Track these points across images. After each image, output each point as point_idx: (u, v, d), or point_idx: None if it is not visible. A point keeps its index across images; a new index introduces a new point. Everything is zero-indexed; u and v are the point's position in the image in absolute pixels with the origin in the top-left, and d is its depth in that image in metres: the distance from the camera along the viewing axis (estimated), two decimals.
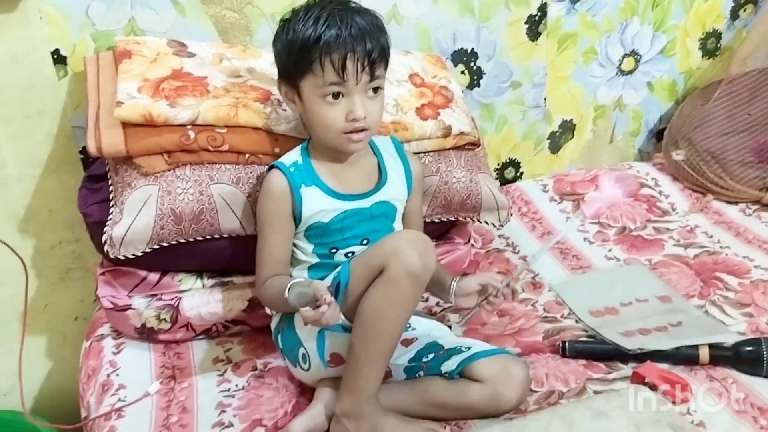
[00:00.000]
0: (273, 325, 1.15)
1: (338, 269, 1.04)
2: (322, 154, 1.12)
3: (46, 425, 1.29)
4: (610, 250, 1.50)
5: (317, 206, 1.09)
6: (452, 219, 1.33)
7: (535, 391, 1.10)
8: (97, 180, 1.24)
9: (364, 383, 0.98)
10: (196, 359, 1.23)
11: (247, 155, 1.18)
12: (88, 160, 1.36)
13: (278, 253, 1.10)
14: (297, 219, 1.10)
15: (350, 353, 0.99)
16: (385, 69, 1.08)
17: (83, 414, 1.20)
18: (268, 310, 1.17)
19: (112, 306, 1.23)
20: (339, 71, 1.01)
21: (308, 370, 1.08)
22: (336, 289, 1.00)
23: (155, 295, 1.23)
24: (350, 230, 1.10)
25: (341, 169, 1.12)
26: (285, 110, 1.18)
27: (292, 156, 1.12)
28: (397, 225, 1.16)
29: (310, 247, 1.11)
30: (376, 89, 1.06)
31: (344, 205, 1.10)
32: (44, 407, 1.50)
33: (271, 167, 1.12)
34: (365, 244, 1.10)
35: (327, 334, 1.03)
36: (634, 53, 1.75)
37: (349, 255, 1.10)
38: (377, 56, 1.03)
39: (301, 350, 1.07)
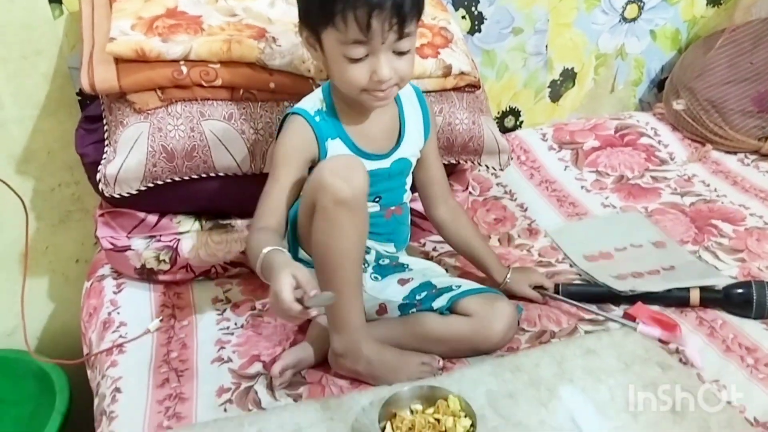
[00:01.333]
0: None
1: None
2: (345, 102, 1.05)
3: (48, 361, 1.32)
4: (606, 198, 1.51)
5: None
6: (453, 162, 1.33)
7: (528, 331, 1.12)
8: (93, 121, 1.24)
9: (346, 319, 0.99)
10: (196, 299, 1.25)
11: (241, 91, 1.17)
12: (85, 101, 1.36)
13: (287, 196, 1.03)
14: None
15: None
16: (417, 24, 0.97)
17: (85, 351, 1.23)
18: None
19: (111, 247, 1.24)
20: (364, 29, 0.91)
21: None
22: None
23: (154, 236, 1.24)
24: None
25: (366, 121, 1.07)
26: (280, 46, 1.17)
27: (314, 102, 1.05)
28: (408, 179, 1.15)
29: None
30: (404, 51, 0.96)
31: (367, 165, 1.03)
32: (48, 347, 1.53)
33: (292, 113, 1.05)
34: (377, 201, 1.10)
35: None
36: (637, 0, 1.72)
37: None
38: (409, 11, 0.92)
39: None
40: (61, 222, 1.48)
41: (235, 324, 1.18)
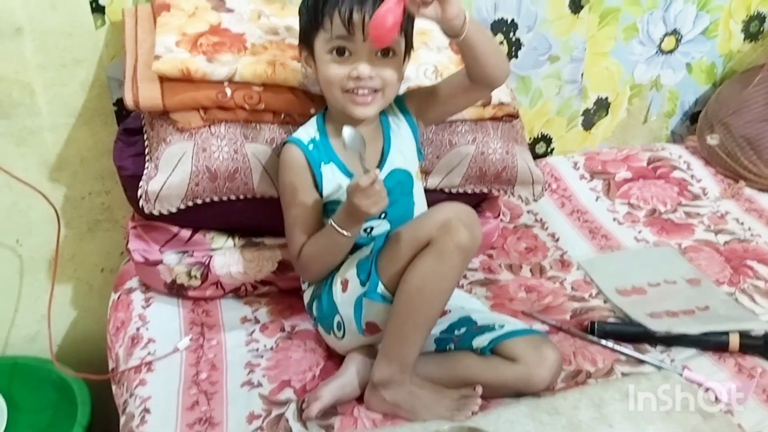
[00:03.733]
0: (308, 295, 1.15)
1: (373, 245, 1.03)
2: (336, 127, 1.07)
3: (74, 374, 1.30)
4: (639, 232, 1.49)
5: (335, 185, 1.07)
6: (485, 191, 1.32)
7: (562, 370, 1.10)
8: (132, 133, 1.23)
9: (405, 353, 0.99)
10: (225, 318, 1.23)
11: (282, 115, 1.16)
12: (121, 112, 1.36)
13: (310, 220, 1.08)
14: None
15: (392, 323, 0.99)
16: (402, 33, 1.01)
17: (111, 365, 1.21)
18: (303, 284, 1.17)
19: (143, 260, 1.23)
20: (346, 24, 0.97)
21: (342, 338, 1.08)
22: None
23: (186, 251, 1.23)
24: None
25: None
26: None
27: (309, 131, 1.09)
28: (417, 190, 1.14)
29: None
30: (387, 51, 1.00)
31: None
32: (68, 354, 1.52)
33: (288, 142, 1.09)
34: (384, 218, 1.09)
35: (365, 303, 1.03)
36: (675, 32, 1.71)
37: (368, 230, 1.09)
38: None
39: (337, 318, 1.07)
40: (89, 230, 1.47)
41: (265, 346, 1.16)
